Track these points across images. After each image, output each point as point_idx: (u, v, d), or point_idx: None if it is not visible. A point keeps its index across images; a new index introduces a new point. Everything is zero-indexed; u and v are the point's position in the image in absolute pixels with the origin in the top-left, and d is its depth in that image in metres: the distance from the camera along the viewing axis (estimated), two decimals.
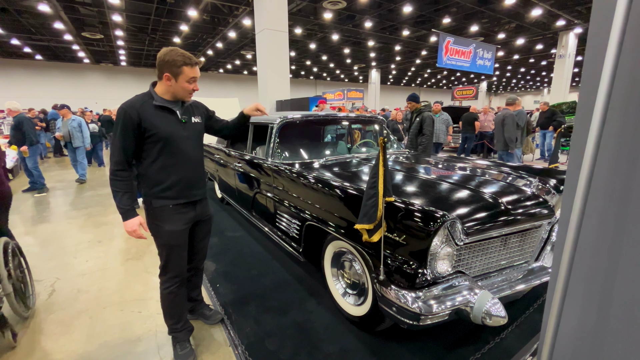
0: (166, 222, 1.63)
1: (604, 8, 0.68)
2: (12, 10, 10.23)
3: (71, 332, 2.02)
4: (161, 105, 1.55)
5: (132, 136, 1.51)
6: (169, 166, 1.59)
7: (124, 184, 1.55)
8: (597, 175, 0.67)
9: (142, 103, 1.53)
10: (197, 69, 1.58)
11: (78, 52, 16.62)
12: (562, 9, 10.70)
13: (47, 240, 3.54)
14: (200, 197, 1.75)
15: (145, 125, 1.50)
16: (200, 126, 1.75)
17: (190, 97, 1.65)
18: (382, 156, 1.43)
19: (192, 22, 11.76)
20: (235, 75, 25.17)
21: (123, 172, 1.55)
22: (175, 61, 1.50)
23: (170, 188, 1.60)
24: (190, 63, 1.53)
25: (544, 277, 1.78)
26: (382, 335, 1.91)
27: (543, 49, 16.65)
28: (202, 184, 1.76)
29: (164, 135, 1.54)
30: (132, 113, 1.48)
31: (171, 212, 1.63)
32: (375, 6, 10.36)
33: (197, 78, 1.59)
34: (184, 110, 1.65)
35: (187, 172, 1.64)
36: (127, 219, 1.57)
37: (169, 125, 1.56)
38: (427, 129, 4.55)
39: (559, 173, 2.34)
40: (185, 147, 1.62)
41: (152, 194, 1.61)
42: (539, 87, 35.24)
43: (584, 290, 0.72)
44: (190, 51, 19.49)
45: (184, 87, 1.55)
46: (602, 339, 0.69)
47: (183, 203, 1.66)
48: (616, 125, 0.65)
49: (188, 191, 1.66)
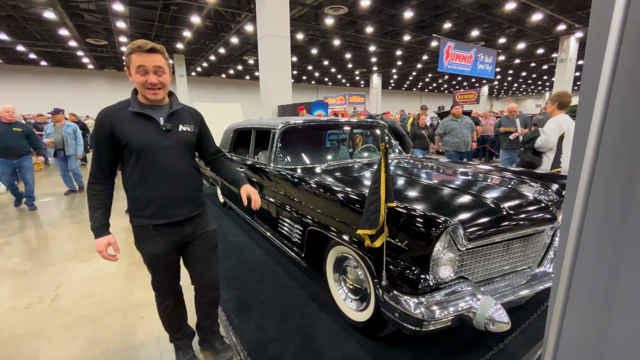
0: (147, 244, 1.46)
1: (602, 13, 0.69)
2: (18, 17, 10.39)
3: (74, 337, 2.02)
4: (137, 111, 1.36)
5: (106, 146, 1.36)
6: (144, 181, 1.39)
7: (97, 199, 1.41)
8: (598, 180, 0.67)
9: (117, 110, 1.36)
10: (145, 56, 1.30)
11: (82, 58, 16.81)
12: (562, 14, 10.74)
13: (49, 245, 3.56)
14: (185, 217, 1.49)
15: (118, 134, 1.33)
16: (189, 135, 1.50)
17: (153, 95, 1.36)
18: (384, 162, 1.44)
19: (195, 28, 11.89)
20: (237, 81, 25.35)
21: (97, 186, 1.41)
22: (126, 51, 1.32)
23: (147, 206, 1.41)
24: (134, 49, 1.29)
25: (547, 282, 1.77)
26: (384, 341, 1.90)
27: (544, 53, 16.69)
28: (188, 202, 1.50)
29: (138, 145, 1.34)
30: (105, 121, 1.33)
31: (152, 232, 1.44)
32: (376, 12, 10.44)
33: (148, 68, 1.30)
34: (169, 117, 1.43)
35: (166, 188, 1.42)
36: (96, 237, 1.41)
37: (144, 134, 1.36)
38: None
39: (561, 178, 2.33)
40: (166, 159, 1.40)
41: (131, 211, 1.46)
42: (540, 91, 35.24)
43: (586, 295, 0.72)
44: (192, 57, 19.52)
45: (136, 80, 1.32)
46: (604, 344, 0.69)
47: (164, 224, 1.45)
48: (615, 129, 0.66)
49: (168, 210, 1.44)
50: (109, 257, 1.44)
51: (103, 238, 1.42)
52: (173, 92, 1.52)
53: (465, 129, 5.44)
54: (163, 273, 1.55)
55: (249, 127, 3.50)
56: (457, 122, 5.46)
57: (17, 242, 3.67)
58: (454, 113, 5.53)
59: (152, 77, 1.32)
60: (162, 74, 1.36)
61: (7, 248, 3.49)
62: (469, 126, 5.54)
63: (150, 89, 1.34)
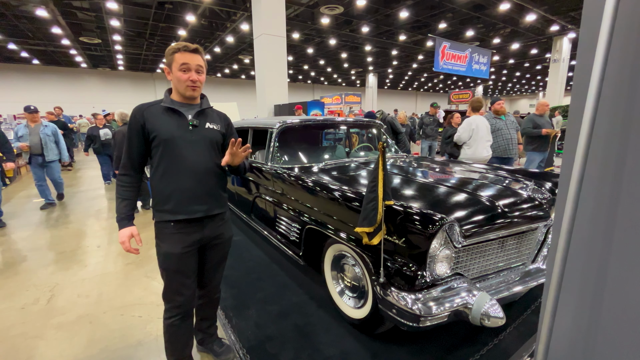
0: (164, 242, 1.46)
1: (592, 14, 0.71)
2: (9, 15, 10.23)
3: (72, 337, 2.02)
4: (169, 107, 1.44)
5: (137, 139, 1.43)
6: (168, 173, 1.43)
7: (125, 190, 1.46)
8: (588, 178, 0.70)
9: (150, 105, 1.45)
10: (189, 55, 1.40)
11: (75, 56, 16.60)
12: (555, 15, 10.87)
13: (46, 245, 3.53)
14: (204, 214, 1.49)
15: (149, 126, 1.41)
16: (215, 134, 1.53)
17: (191, 91, 1.44)
18: (381, 160, 1.46)
19: (190, 27, 11.81)
20: (233, 80, 25.23)
21: (126, 177, 1.47)
22: (169, 50, 1.41)
23: (168, 200, 1.43)
24: (179, 48, 1.39)
25: (540, 278, 1.81)
26: (382, 338, 1.92)
27: (538, 53, 16.87)
28: (208, 198, 1.50)
29: (165, 137, 1.40)
30: (138, 114, 1.42)
31: (171, 230, 1.45)
32: (372, 11, 10.48)
33: (191, 66, 1.40)
34: (197, 114, 1.49)
35: (187, 182, 1.44)
36: (120, 228, 1.45)
37: (172, 127, 1.42)
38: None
39: (555, 176, 2.38)
40: (189, 153, 1.44)
41: (155, 205, 1.48)
42: (534, 91, 35.61)
43: (577, 289, 0.74)
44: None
45: (177, 77, 1.40)
46: (595, 336, 0.71)
47: (184, 220, 1.45)
48: (604, 129, 0.69)
49: (188, 205, 1.45)
50: (131, 250, 1.46)
51: (126, 229, 1.45)
52: (205, 94, 1.59)
53: (511, 129, 4.42)
54: (177, 278, 1.48)
55: (245, 126, 3.50)
56: (501, 120, 4.41)
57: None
58: (497, 110, 4.45)
59: (194, 74, 1.42)
60: (202, 73, 1.46)
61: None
62: (514, 125, 4.54)
63: (190, 86, 1.43)
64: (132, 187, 1.49)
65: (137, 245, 1.47)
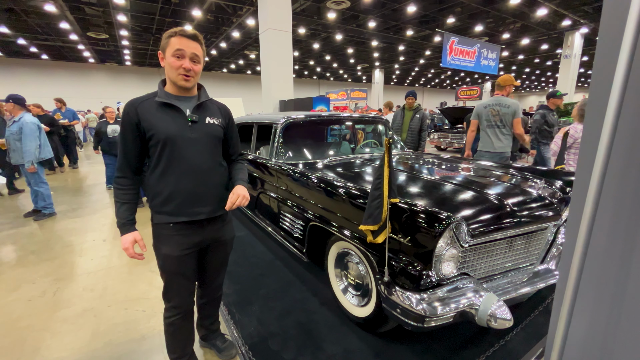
0: (163, 244, 1.39)
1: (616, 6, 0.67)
2: (18, 10, 10.33)
3: (76, 330, 2.03)
4: (164, 101, 1.32)
5: (132, 138, 1.32)
6: (167, 174, 1.34)
7: (123, 193, 1.37)
8: (609, 179, 0.66)
9: (143, 100, 1.34)
10: (186, 40, 1.28)
11: (83, 51, 16.73)
12: (567, 9, 10.61)
13: (52, 239, 3.57)
14: (207, 216, 1.43)
15: (144, 124, 1.30)
16: (216, 129, 1.44)
17: (184, 81, 1.32)
18: (387, 157, 1.42)
19: (197, 22, 11.79)
20: (238, 75, 25.23)
21: (123, 180, 1.37)
22: (166, 34, 1.29)
23: (168, 201, 1.35)
24: (176, 32, 1.28)
25: (549, 279, 1.76)
26: (385, 337, 1.90)
27: (548, 49, 16.51)
28: (211, 199, 1.44)
29: (163, 136, 1.30)
30: (131, 111, 1.30)
31: (171, 231, 1.38)
32: (379, 6, 10.33)
33: (185, 52, 1.27)
34: (196, 108, 1.38)
35: (189, 183, 1.36)
36: (122, 234, 1.36)
37: (170, 124, 1.32)
38: (426, 126, 4.89)
39: (566, 174, 2.31)
40: (190, 151, 1.35)
41: (153, 207, 1.39)
42: (544, 87, 34.98)
43: (594, 295, 0.71)
44: None
45: (169, 63, 1.28)
46: (612, 344, 0.68)
47: (185, 222, 1.39)
48: (629, 128, 0.64)
49: (190, 207, 1.38)
50: (135, 256, 1.36)
51: (129, 235, 1.36)
52: (202, 85, 1.47)
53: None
54: (176, 280, 1.44)
55: (250, 121, 3.48)
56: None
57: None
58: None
59: (187, 62, 1.29)
60: (197, 62, 1.34)
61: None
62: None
63: (183, 74, 1.30)
64: (132, 190, 1.40)
65: (141, 251, 1.39)
